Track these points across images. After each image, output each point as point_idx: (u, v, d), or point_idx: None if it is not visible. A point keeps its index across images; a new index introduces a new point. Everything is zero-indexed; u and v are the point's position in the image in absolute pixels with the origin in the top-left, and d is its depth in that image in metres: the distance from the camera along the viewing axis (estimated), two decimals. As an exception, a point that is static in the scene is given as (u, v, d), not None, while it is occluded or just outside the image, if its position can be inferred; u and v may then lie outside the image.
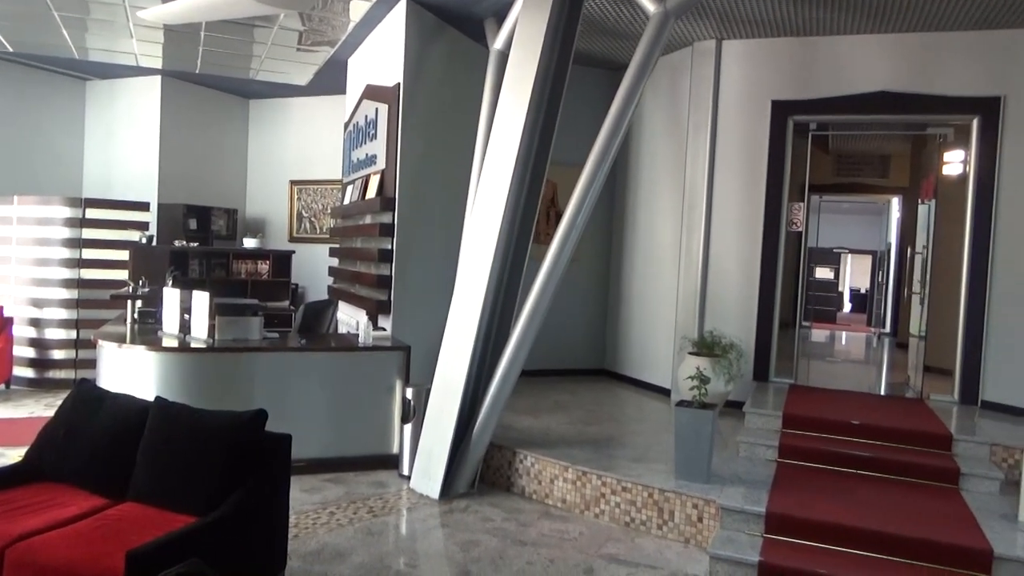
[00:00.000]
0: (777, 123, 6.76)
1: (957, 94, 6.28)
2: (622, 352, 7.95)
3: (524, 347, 4.99)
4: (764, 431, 5.38)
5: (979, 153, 6.32)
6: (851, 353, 10.80)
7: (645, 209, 7.71)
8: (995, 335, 6.10)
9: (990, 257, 6.18)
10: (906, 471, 4.82)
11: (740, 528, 4.15)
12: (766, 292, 6.71)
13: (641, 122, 7.79)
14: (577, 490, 4.77)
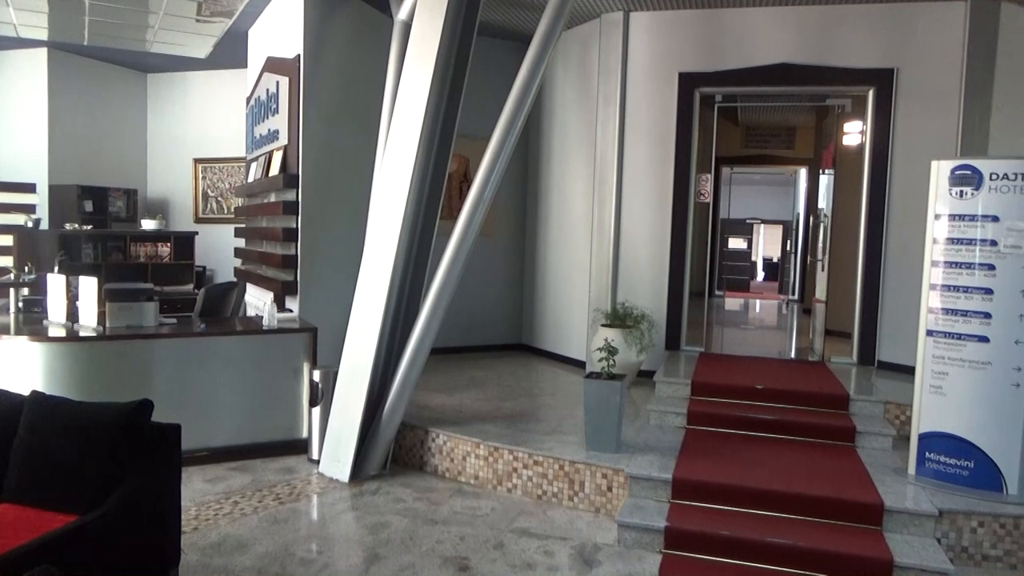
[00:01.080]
0: (684, 95, 6.82)
1: (854, 66, 6.46)
2: (538, 326, 7.97)
3: (433, 324, 4.91)
4: (674, 399, 5.47)
5: (874, 123, 6.53)
6: (762, 320, 11.14)
7: (558, 182, 7.70)
8: (889, 299, 6.36)
9: (884, 224, 6.42)
10: (807, 432, 4.99)
11: (648, 495, 4.22)
12: (676, 263, 6.81)
13: (552, 94, 7.75)
14: (489, 466, 4.74)
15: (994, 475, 4.07)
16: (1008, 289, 4.10)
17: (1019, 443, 4.04)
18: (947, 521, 3.88)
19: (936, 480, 4.23)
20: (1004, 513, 3.88)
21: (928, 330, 4.35)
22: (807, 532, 3.84)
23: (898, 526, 3.87)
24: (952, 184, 4.30)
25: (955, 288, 4.26)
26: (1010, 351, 4.08)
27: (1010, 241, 4.12)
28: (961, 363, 4.20)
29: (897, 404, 5.18)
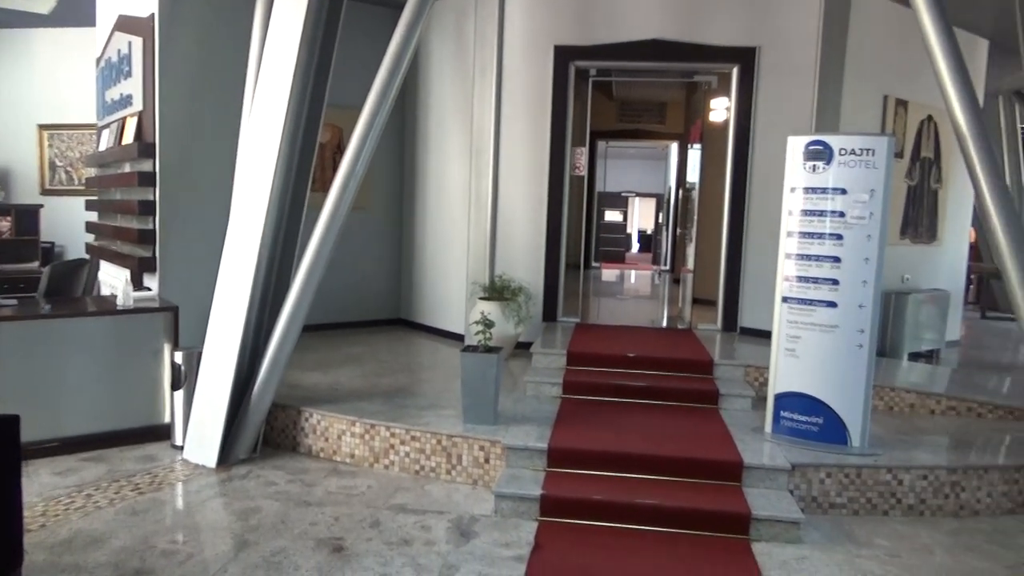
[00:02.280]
0: (560, 68, 6.85)
1: (720, 44, 6.70)
2: (417, 300, 7.89)
3: (305, 300, 4.73)
4: (550, 369, 5.56)
5: (738, 100, 6.81)
6: (636, 291, 11.53)
7: (435, 154, 7.59)
8: (750, 267, 6.71)
9: (746, 197, 6.74)
10: (675, 396, 5.20)
11: (524, 465, 4.27)
12: (553, 236, 6.89)
13: (427, 64, 7.60)
14: (366, 444, 4.66)
15: (840, 430, 4.39)
16: (854, 257, 4.39)
17: (861, 399, 4.37)
18: (799, 474, 4.16)
19: (790, 436, 4.52)
20: (848, 464, 4.20)
21: (783, 297, 4.61)
22: (673, 492, 4.01)
23: (756, 481, 4.11)
24: (806, 159, 4.54)
25: (808, 257, 4.52)
26: (855, 315, 4.39)
27: (856, 212, 4.41)
28: (812, 327, 4.48)
29: (756, 367, 5.49)
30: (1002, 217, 4.25)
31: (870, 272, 4.38)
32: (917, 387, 5.53)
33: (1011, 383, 6.36)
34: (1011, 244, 4.20)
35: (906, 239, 7.43)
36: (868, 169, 4.38)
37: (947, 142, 7.58)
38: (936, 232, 7.81)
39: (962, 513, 4.27)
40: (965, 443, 4.76)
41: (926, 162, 7.58)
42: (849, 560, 3.64)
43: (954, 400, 5.34)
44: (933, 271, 7.77)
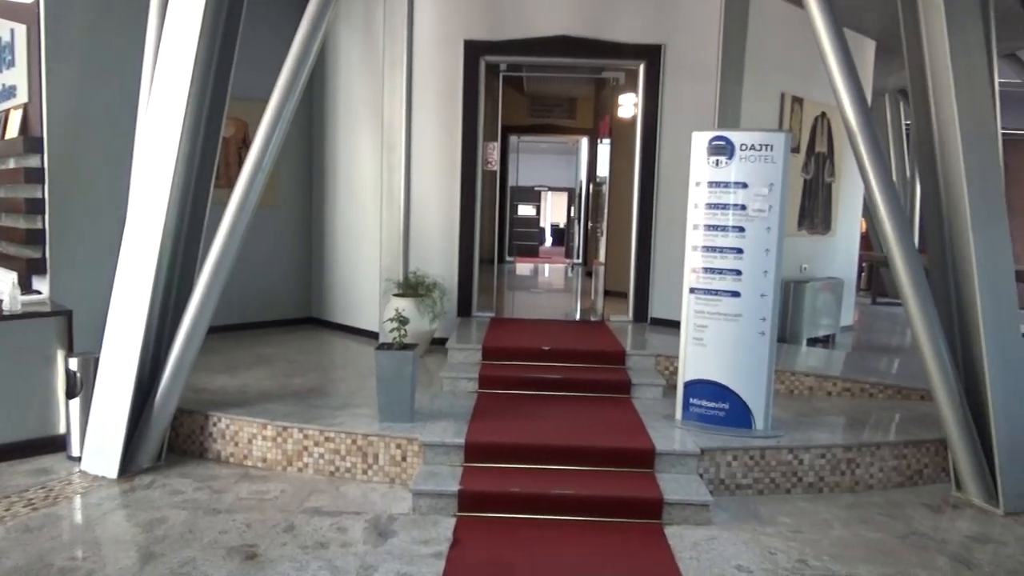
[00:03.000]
0: (470, 63, 6.84)
1: (627, 41, 6.84)
2: (329, 298, 7.73)
3: (210, 301, 4.56)
4: (466, 365, 5.56)
5: (645, 96, 6.97)
6: (550, 284, 11.66)
7: (345, 149, 7.45)
8: (660, 259, 6.90)
9: (654, 190, 6.92)
10: (589, 387, 5.30)
11: (442, 461, 4.26)
12: (466, 230, 6.89)
13: (336, 56, 7.45)
14: (278, 447, 4.54)
15: (745, 414, 4.58)
16: (755, 248, 4.58)
17: (764, 385, 4.58)
18: (708, 458, 4.31)
19: (699, 422, 4.68)
20: (753, 446, 4.38)
21: (691, 287, 4.77)
22: (589, 481, 4.09)
23: (667, 466, 4.24)
24: (709, 153, 4.70)
25: (713, 249, 4.68)
26: (757, 303, 4.58)
27: (756, 205, 4.59)
28: (718, 316, 4.65)
29: (667, 356, 5.65)
30: (888, 208, 4.51)
31: (770, 263, 4.58)
32: (815, 371, 5.82)
33: (899, 364, 6.78)
34: (897, 233, 4.47)
35: (803, 230, 7.80)
36: (767, 164, 4.57)
37: (839, 138, 7.98)
38: (830, 223, 8.22)
39: (857, 488, 4.54)
40: (859, 422, 5.04)
41: (820, 157, 7.97)
42: (755, 538, 3.80)
43: (848, 382, 5.65)
44: (828, 260, 8.19)
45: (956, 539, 3.95)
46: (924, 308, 4.41)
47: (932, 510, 4.31)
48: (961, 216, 4.54)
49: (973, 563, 3.67)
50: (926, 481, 4.71)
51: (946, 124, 4.66)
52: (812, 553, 3.68)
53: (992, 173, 4.70)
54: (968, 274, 4.48)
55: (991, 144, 4.78)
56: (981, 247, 4.47)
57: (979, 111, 4.65)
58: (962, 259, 4.54)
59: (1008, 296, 4.59)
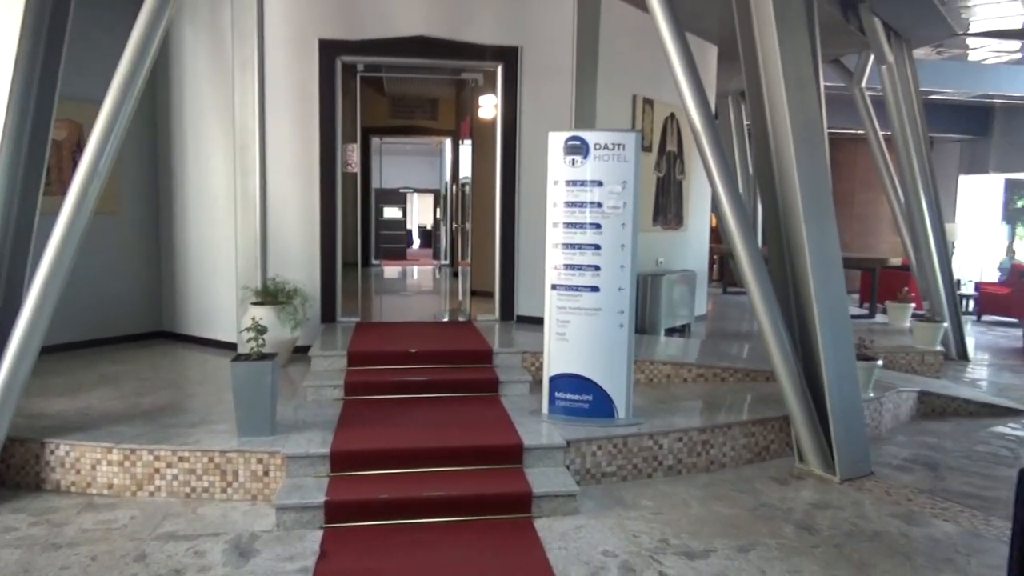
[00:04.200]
0: (326, 63, 6.67)
1: (484, 42, 6.89)
2: (181, 309, 7.29)
3: (42, 317, 4.19)
4: (331, 372, 5.42)
5: (504, 97, 7.06)
6: (419, 286, 11.58)
7: (194, 152, 7.05)
8: (523, 258, 7.01)
9: (516, 190, 7.03)
10: (457, 387, 5.30)
11: (307, 473, 4.12)
12: (327, 234, 6.71)
13: (181, 56, 7.03)
14: (126, 471, 4.23)
15: (608, 404, 4.74)
16: (612, 244, 4.75)
17: (624, 375, 4.75)
18: (574, 449, 4.42)
19: (564, 415, 4.79)
20: (616, 435, 4.54)
21: (552, 284, 4.87)
22: (460, 481, 4.09)
23: (535, 461, 4.31)
24: (566, 153, 4.82)
25: (572, 246, 4.81)
26: (615, 297, 4.75)
27: (611, 202, 4.76)
28: (579, 311, 4.78)
29: (532, 353, 5.75)
30: (731, 203, 4.81)
31: (627, 257, 4.76)
32: (672, 359, 6.11)
33: (748, 349, 7.23)
34: (739, 227, 4.77)
35: (658, 226, 8.17)
36: (620, 162, 4.74)
37: (688, 137, 8.42)
38: (683, 218, 8.66)
39: (712, 467, 4.80)
40: (713, 405, 5.34)
41: (671, 155, 8.38)
42: (620, 523, 3.94)
43: (702, 368, 5.98)
44: (682, 254, 8.63)
45: (800, 507, 4.26)
46: (765, 296, 4.74)
47: (779, 482, 4.63)
48: (794, 209, 4.91)
49: (815, 528, 3.98)
50: (773, 456, 5.05)
51: (780, 124, 5.02)
52: (672, 532, 3.85)
53: (820, 169, 5.12)
54: (802, 263, 4.85)
55: (819, 142, 5.20)
56: (812, 238, 4.85)
57: (808, 112, 5.05)
58: (797, 249, 4.91)
59: (837, 282, 5.01)
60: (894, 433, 5.85)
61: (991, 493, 4.61)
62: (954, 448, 5.52)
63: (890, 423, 5.94)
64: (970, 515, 4.23)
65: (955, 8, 8.04)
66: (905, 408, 6.19)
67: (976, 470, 5.05)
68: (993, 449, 5.54)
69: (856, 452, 4.80)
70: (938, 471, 5.01)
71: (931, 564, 3.62)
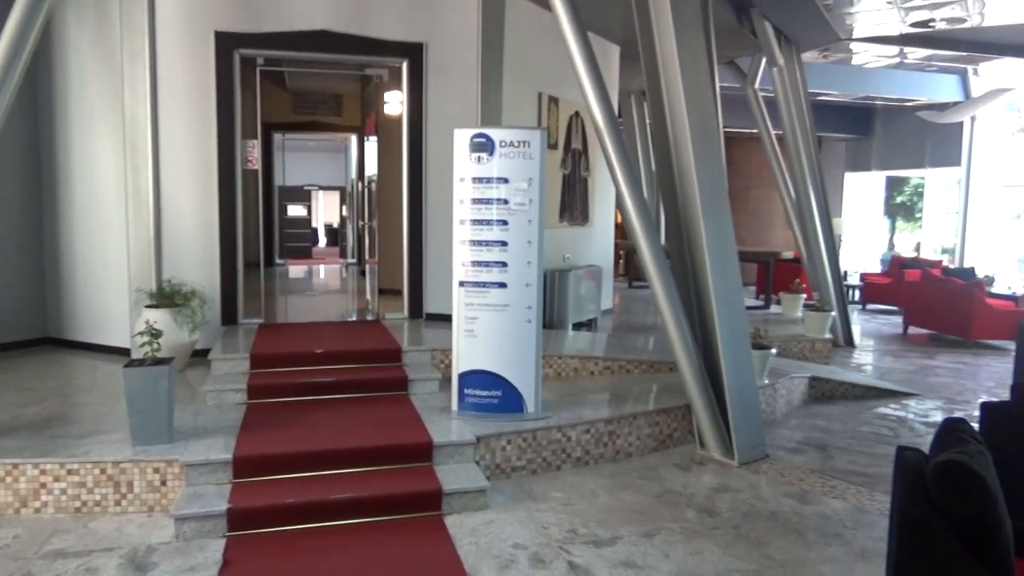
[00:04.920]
0: (223, 56, 6.44)
1: (389, 38, 6.81)
2: (68, 314, 6.88)
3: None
4: (232, 375, 5.25)
5: (409, 94, 7.00)
6: (326, 285, 11.35)
7: (81, 149, 6.65)
8: (432, 255, 6.98)
9: (423, 188, 6.98)
10: (366, 387, 5.24)
11: (208, 481, 3.98)
12: (227, 233, 6.48)
13: (65, 49, 6.60)
14: (7, 487, 3.96)
15: (517, 399, 4.78)
16: (518, 240, 4.79)
17: (533, 370, 4.81)
18: (484, 445, 4.45)
19: (474, 412, 4.81)
20: (525, 429, 4.59)
21: (460, 281, 4.87)
22: (368, 482, 4.04)
23: (445, 458, 4.31)
24: (472, 150, 4.83)
25: (479, 243, 4.83)
26: (523, 293, 4.80)
27: (517, 199, 4.80)
28: (487, 307, 4.80)
29: (442, 350, 5.73)
30: (633, 200, 4.94)
31: (533, 253, 4.82)
32: (580, 353, 6.23)
33: (653, 341, 7.45)
34: (640, 222, 4.91)
35: (564, 222, 8.30)
36: (526, 159, 4.79)
37: (592, 135, 8.59)
38: (588, 215, 8.83)
39: (619, 457, 4.93)
40: (618, 396, 5.47)
41: (576, 153, 8.52)
42: (530, 516, 3.99)
43: (609, 360, 6.11)
44: (588, 249, 8.80)
45: (701, 492, 4.43)
46: (667, 290, 4.90)
47: (681, 469, 4.79)
48: (693, 205, 5.10)
49: (715, 511, 4.14)
50: (676, 443, 5.23)
51: (678, 123, 5.19)
52: (581, 522, 3.93)
53: (716, 167, 5.33)
54: (701, 257, 5.04)
55: (715, 141, 5.41)
56: (710, 233, 5.04)
57: (704, 111, 5.25)
58: (696, 244, 5.10)
59: (733, 274, 5.24)
60: (787, 417, 6.17)
61: (874, 470, 4.92)
62: (841, 430, 5.86)
63: (784, 408, 6.25)
64: (856, 491, 4.50)
65: (839, 15, 8.52)
66: (797, 393, 6.54)
67: (861, 449, 5.38)
68: (876, 429, 5.92)
69: (752, 437, 5.03)
70: (827, 452, 5.31)
71: (821, 539, 3.83)
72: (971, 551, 2.32)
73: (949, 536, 2.33)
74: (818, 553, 3.68)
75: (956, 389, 7.32)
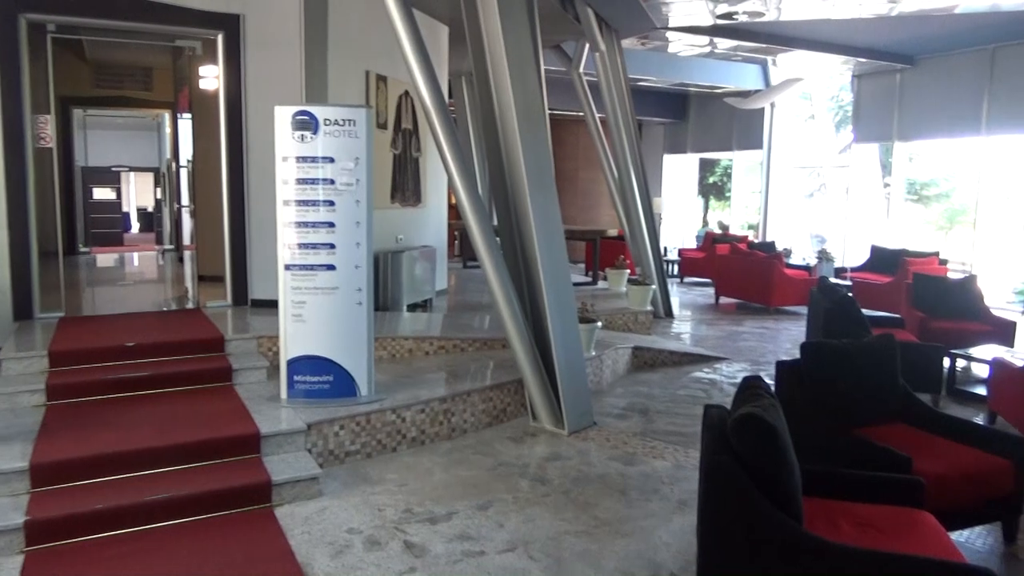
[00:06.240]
0: (6, 21, 5.73)
1: (200, 7, 6.36)
2: None
3: None
4: (28, 375, 4.74)
5: (226, 68, 6.59)
6: (140, 274, 10.49)
7: None
8: (256, 239, 6.66)
9: (244, 168, 6.63)
10: (185, 380, 4.93)
11: (2, 493, 3.59)
12: (17, 219, 5.81)
13: None
14: None
15: (349, 383, 4.70)
16: (346, 222, 4.68)
17: (365, 353, 4.74)
18: (315, 432, 4.34)
19: (305, 398, 4.67)
20: (359, 412, 4.52)
21: (286, 264, 4.69)
22: (189, 479, 3.81)
23: (275, 448, 4.16)
24: (294, 128, 4.64)
25: (305, 224, 4.66)
26: (353, 275, 4.70)
27: (344, 179, 4.68)
28: (315, 291, 4.66)
29: (269, 337, 5.51)
30: (463, 181, 4.98)
31: (363, 235, 4.73)
32: (414, 334, 6.21)
33: (487, 319, 7.58)
34: (471, 203, 4.96)
35: (396, 203, 8.20)
36: (352, 138, 4.68)
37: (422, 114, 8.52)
38: (421, 195, 8.79)
39: (454, 434, 4.99)
40: (453, 375, 5.52)
41: (407, 133, 8.43)
42: (365, 500, 3.95)
43: (443, 340, 6.15)
44: (422, 230, 8.76)
45: (534, 462, 4.59)
46: (497, 268, 4.99)
47: (515, 441, 4.94)
48: (520, 186, 5.22)
49: (547, 479, 4.31)
50: (510, 417, 5.37)
51: (505, 105, 5.28)
52: (416, 501, 3.95)
53: (543, 148, 5.47)
54: (529, 235, 5.18)
55: (541, 122, 5.55)
56: (537, 212, 5.19)
57: (530, 94, 5.36)
58: (524, 223, 5.22)
59: (560, 251, 5.43)
60: (613, 386, 6.51)
61: (690, 429, 5.32)
62: (662, 394, 6.28)
63: (610, 377, 6.60)
64: (674, 450, 4.85)
65: (656, 4, 9.01)
66: (622, 363, 6.92)
67: (679, 411, 5.80)
68: (692, 392, 6.40)
69: (581, 406, 5.27)
70: (649, 416, 5.67)
71: (643, 496, 4.10)
72: (765, 492, 2.58)
73: (746, 480, 2.58)
74: (640, 509, 3.93)
75: (760, 352, 8.06)
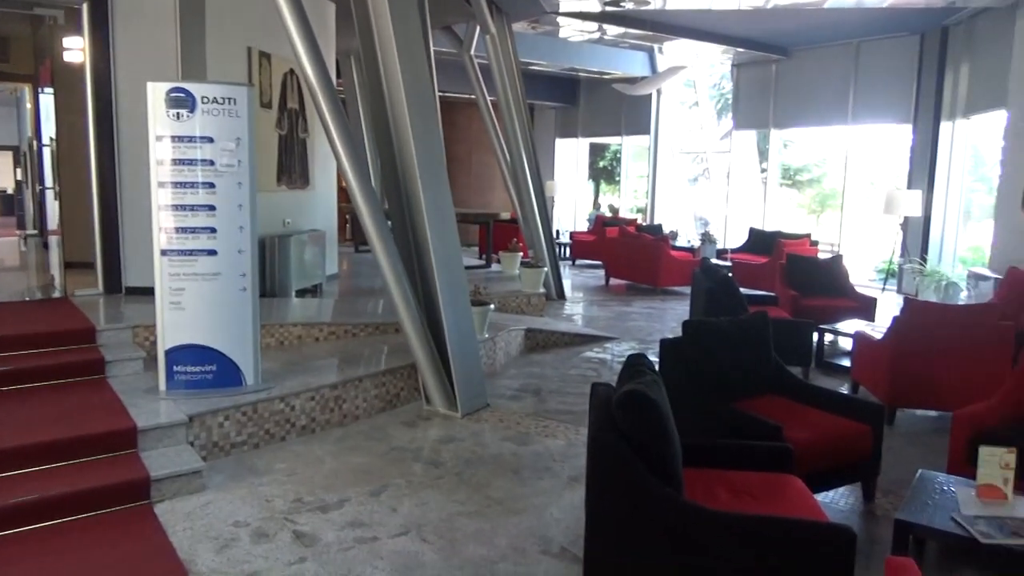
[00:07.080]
0: None
1: (57, -27, 5.91)
2: None
3: None
4: None
5: (93, 40, 6.18)
6: (1, 261, 9.73)
7: None
8: (129, 223, 6.29)
9: (116, 147, 6.24)
10: (53, 374, 4.60)
11: None
12: None
13: None
14: None
15: (234, 372, 4.53)
16: (228, 205, 4.49)
17: (251, 340, 4.58)
18: (197, 424, 4.16)
19: (186, 390, 4.47)
20: (245, 402, 4.38)
21: (162, 250, 4.46)
22: (58, 479, 3.58)
23: (153, 442, 3.97)
24: (169, 106, 4.40)
25: (183, 207, 4.44)
26: (235, 260, 4.52)
27: (225, 160, 4.48)
28: (195, 277, 4.46)
29: (145, 326, 5.22)
30: (352, 163, 4.89)
31: (246, 218, 4.55)
32: (304, 320, 6.05)
33: (379, 305, 7.48)
34: (360, 186, 4.88)
35: (283, 185, 7.94)
36: (232, 118, 4.49)
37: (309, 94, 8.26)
38: (309, 178, 8.54)
39: (346, 421, 4.91)
40: (344, 361, 5.43)
41: (293, 113, 8.16)
42: (252, 491, 3.84)
43: (334, 326, 6.03)
44: (310, 214, 8.53)
45: (428, 445, 4.59)
46: (388, 252, 4.94)
47: (408, 426, 4.92)
48: (411, 168, 5.16)
49: (440, 462, 4.32)
50: (403, 402, 5.34)
51: (393, 86, 5.20)
52: (307, 490, 3.87)
53: (432, 130, 5.44)
54: (420, 218, 5.14)
55: (430, 104, 5.51)
56: (428, 195, 5.15)
57: (419, 74, 5.30)
58: (415, 205, 5.18)
59: (451, 235, 5.42)
60: (507, 367, 6.59)
61: (581, 408, 5.46)
62: (554, 375, 6.41)
63: (503, 359, 6.67)
64: (565, 428, 4.97)
65: (545, -12, 9.08)
66: (515, 344, 7.00)
67: (570, 391, 5.94)
68: (583, 371, 6.56)
69: (474, 388, 5.30)
70: (541, 396, 5.78)
71: (535, 474, 4.18)
72: (648, 464, 2.69)
73: (629, 453, 2.68)
74: (531, 487, 4.01)
75: (647, 331, 8.35)
